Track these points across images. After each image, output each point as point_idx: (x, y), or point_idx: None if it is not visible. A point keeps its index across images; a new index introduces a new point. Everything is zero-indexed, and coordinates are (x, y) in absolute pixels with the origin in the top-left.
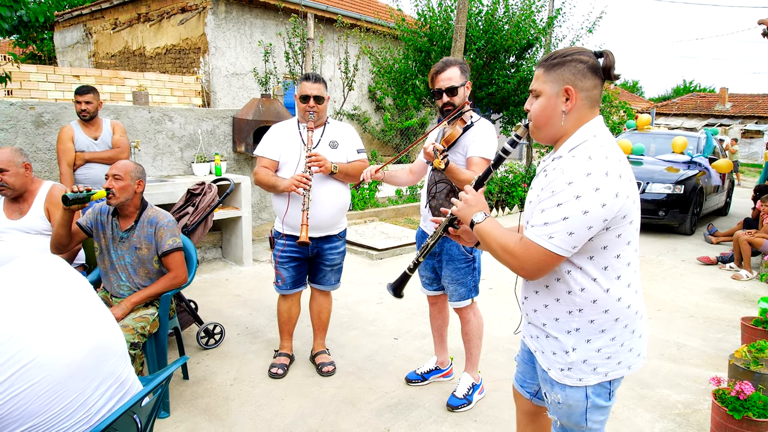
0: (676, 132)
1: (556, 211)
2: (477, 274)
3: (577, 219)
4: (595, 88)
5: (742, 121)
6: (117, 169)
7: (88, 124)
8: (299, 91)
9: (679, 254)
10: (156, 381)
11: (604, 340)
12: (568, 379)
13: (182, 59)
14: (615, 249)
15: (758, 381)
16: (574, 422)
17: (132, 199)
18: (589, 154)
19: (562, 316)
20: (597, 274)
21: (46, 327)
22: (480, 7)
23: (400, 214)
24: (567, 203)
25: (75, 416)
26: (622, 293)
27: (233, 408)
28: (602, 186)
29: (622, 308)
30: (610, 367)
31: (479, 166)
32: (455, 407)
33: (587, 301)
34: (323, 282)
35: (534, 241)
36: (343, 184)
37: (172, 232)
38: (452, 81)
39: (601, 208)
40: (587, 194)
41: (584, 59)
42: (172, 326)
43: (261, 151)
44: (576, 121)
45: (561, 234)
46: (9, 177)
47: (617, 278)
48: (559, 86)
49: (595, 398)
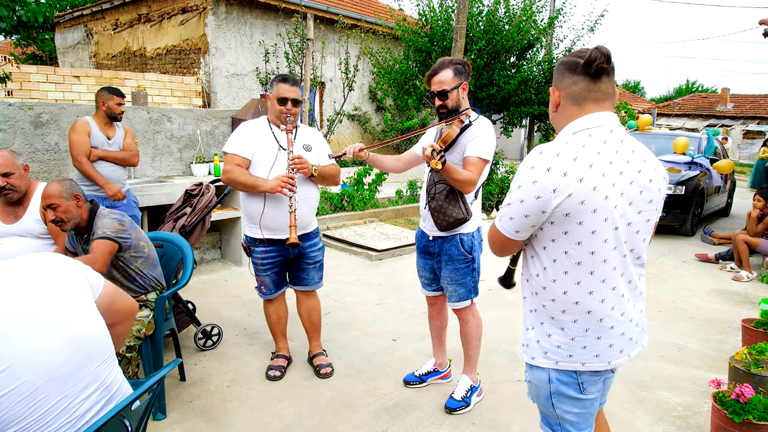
0: (678, 132)
1: (507, 196)
2: (476, 275)
3: (516, 206)
4: (573, 85)
5: (743, 121)
6: (48, 198)
7: (105, 123)
8: (276, 93)
9: (680, 255)
10: (146, 385)
11: (554, 329)
12: (525, 355)
13: (183, 60)
14: (563, 245)
15: (759, 384)
16: (543, 404)
17: (80, 215)
18: (542, 149)
19: (528, 296)
20: (548, 263)
21: (25, 331)
22: (481, 7)
23: (400, 214)
24: (513, 191)
25: (58, 421)
26: (568, 288)
27: (230, 410)
28: (539, 179)
29: (569, 302)
30: (560, 356)
31: (475, 166)
32: (453, 409)
33: (539, 287)
34: (307, 282)
35: (494, 220)
36: (315, 185)
37: (104, 225)
38: (444, 84)
39: (535, 200)
40: (525, 185)
41: (566, 60)
42: (169, 328)
43: (233, 148)
44: (563, 117)
45: (505, 218)
46: (15, 180)
47: (564, 273)
48: (553, 89)
49: (560, 386)
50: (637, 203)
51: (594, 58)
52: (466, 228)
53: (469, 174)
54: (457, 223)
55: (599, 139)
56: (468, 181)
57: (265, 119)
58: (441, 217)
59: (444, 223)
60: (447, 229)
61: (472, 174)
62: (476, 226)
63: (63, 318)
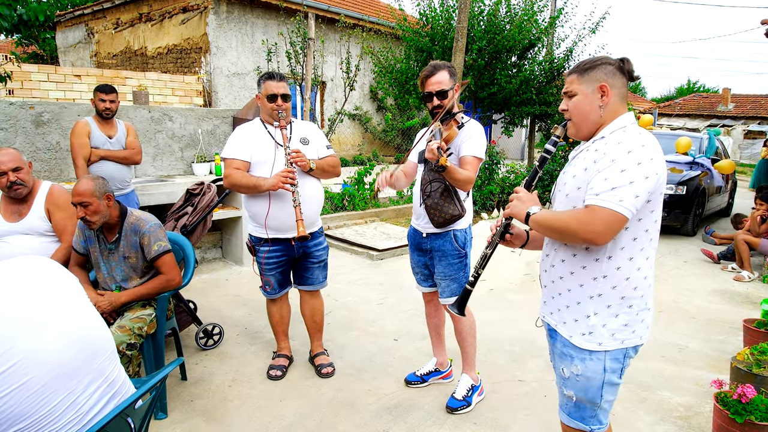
0: (679, 132)
1: (621, 177)
2: (469, 270)
3: (641, 183)
4: (623, 86)
5: (744, 122)
6: (80, 196)
7: (105, 122)
8: (264, 91)
9: (681, 255)
10: (150, 383)
11: (623, 308)
12: (588, 344)
13: (184, 59)
14: (645, 223)
15: (760, 384)
16: (590, 398)
17: (110, 214)
18: (639, 131)
19: (587, 282)
20: (626, 243)
21: (32, 327)
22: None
23: (401, 214)
24: (630, 169)
25: (65, 417)
26: (642, 264)
27: (231, 409)
28: (655, 156)
29: (640, 279)
30: (626, 334)
31: (472, 164)
32: (454, 409)
33: (612, 269)
34: (312, 281)
35: (603, 206)
36: (318, 180)
37: (156, 237)
38: (442, 84)
39: (654, 176)
40: (646, 162)
41: (612, 62)
42: (170, 327)
43: (231, 153)
44: (612, 113)
45: (629, 197)
46: (24, 174)
47: (641, 250)
48: (594, 85)
49: (610, 374)
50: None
51: (632, 66)
52: (460, 224)
53: (468, 173)
54: (453, 220)
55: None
56: (467, 180)
57: (259, 120)
58: (437, 214)
59: (440, 219)
60: (443, 226)
61: (470, 173)
62: (468, 222)
63: (64, 315)
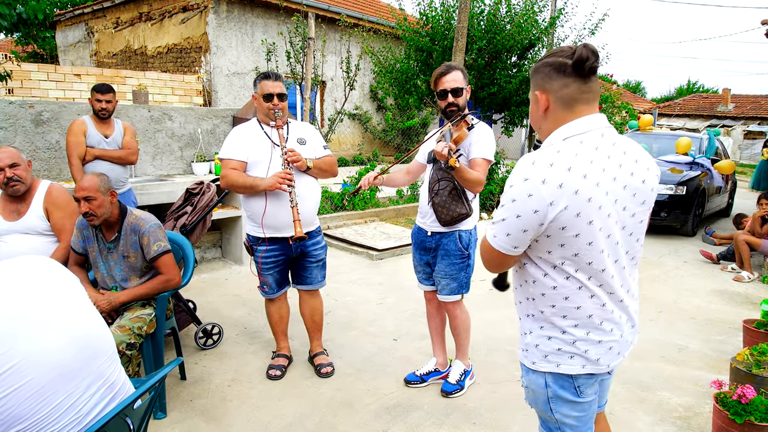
0: (679, 133)
1: (498, 211)
2: (470, 271)
3: (512, 221)
4: (564, 88)
5: (744, 122)
6: (85, 191)
7: (102, 121)
8: (260, 91)
9: (681, 255)
10: (148, 384)
11: (556, 332)
12: (526, 360)
13: (183, 58)
14: (561, 255)
15: (760, 384)
16: (541, 409)
17: (111, 211)
18: (534, 159)
19: (523, 301)
20: (547, 269)
21: (33, 327)
22: (482, 6)
23: (401, 214)
24: (506, 205)
25: (65, 418)
26: (570, 294)
27: (231, 409)
28: (535, 192)
29: (570, 308)
30: (562, 359)
31: (482, 166)
32: (449, 393)
33: (537, 293)
34: (311, 281)
35: (485, 236)
36: (315, 180)
37: (156, 237)
38: (457, 82)
39: (533, 214)
40: (521, 198)
41: (551, 61)
42: (170, 326)
43: (227, 153)
44: (552, 122)
45: (500, 234)
46: (21, 171)
47: (566, 278)
48: (534, 91)
49: (557, 389)
50: (630, 207)
51: (585, 57)
52: (466, 225)
53: (477, 174)
54: (460, 218)
55: (591, 146)
56: (477, 181)
57: (256, 120)
58: (444, 212)
59: (447, 218)
60: (449, 224)
61: (480, 174)
62: (473, 223)
63: (65, 315)
